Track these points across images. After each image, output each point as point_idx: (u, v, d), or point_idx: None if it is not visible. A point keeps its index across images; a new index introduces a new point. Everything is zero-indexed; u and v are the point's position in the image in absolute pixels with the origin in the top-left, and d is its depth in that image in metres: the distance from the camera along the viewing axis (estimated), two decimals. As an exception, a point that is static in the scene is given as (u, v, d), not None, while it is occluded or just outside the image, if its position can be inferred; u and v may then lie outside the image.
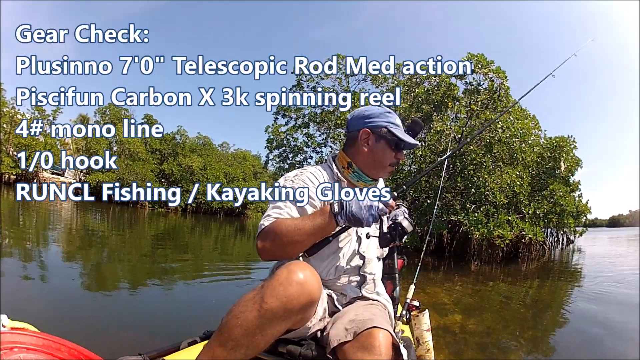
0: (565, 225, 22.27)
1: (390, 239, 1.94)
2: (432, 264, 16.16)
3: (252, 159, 71.29)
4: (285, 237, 1.80)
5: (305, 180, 2.08)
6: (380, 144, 2.14)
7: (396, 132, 2.12)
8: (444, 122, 18.10)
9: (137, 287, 8.00)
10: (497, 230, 15.59)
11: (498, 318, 7.72)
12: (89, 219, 23.49)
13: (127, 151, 51.73)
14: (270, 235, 1.85)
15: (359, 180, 2.18)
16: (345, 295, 2.10)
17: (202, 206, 56.04)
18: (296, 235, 1.80)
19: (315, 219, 1.83)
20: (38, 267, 8.30)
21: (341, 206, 1.78)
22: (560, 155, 20.26)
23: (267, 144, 25.51)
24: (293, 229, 1.81)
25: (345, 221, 1.79)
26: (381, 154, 2.14)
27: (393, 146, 2.14)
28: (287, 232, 1.81)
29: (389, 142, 2.13)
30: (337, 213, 1.78)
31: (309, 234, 1.82)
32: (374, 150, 2.14)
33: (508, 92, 16.58)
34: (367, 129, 2.15)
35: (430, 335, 2.50)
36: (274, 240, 1.83)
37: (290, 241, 1.81)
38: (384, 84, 23.08)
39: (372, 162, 2.16)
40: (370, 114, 2.18)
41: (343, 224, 1.82)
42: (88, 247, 12.57)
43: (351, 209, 1.77)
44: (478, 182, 16.56)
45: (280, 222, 1.86)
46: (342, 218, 1.78)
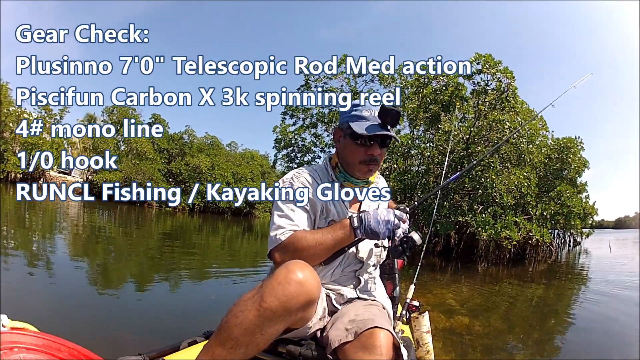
0: (572, 226, 22.24)
1: (401, 251, 1.98)
2: (440, 265, 16.12)
3: (260, 158, 71.24)
4: (307, 252, 1.82)
5: (303, 182, 2.07)
6: (346, 140, 2.10)
7: (353, 126, 2.02)
8: (452, 123, 18.08)
9: (137, 287, 8.02)
10: (504, 231, 15.54)
11: (504, 320, 7.69)
12: (94, 218, 23.51)
13: (135, 151, 51.80)
14: (290, 249, 1.85)
15: (345, 181, 2.16)
16: (343, 295, 2.09)
17: (210, 205, 55.96)
18: (318, 250, 1.84)
19: (335, 232, 1.86)
20: (39, 266, 8.32)
21: (360, 220, 1.83)
22: (567, 156, 20.21)
23: (275, 144, 25.62)
24: (314, 244, 1.84)
25: (364, 234, 1.84)
26: (348, 151, 2.09)
27: (358, 141, 2.04)
28: (308, 247, 1.83)
29: (352, 137, 2.05)
30: (357, 227, 1.83)
31: (330, 248, 1.86)
32: (344, 148, 2.12)
33: (516, 92, 16.56)
34: (338, 129, 2.17)
35: (430, 337, 2.50)
36: (295, 255, 1.81)
37: (312, 255, 1.83)
38: (392, 84, 23.00)
39: (345, 160, 2.13)
40: (342, 111, 2.18)
41: (361, 237, 1.86)
42: (91, 246, 12.58)
43: (369, 223, 1.81)
44: (486, 183, 16.49)
45: (300, 237, 1.86)
46: (361, 232, 1.83)
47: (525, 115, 17.92)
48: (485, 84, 16.72)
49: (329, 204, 2.09)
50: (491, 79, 16.47)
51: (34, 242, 11.40)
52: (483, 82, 16.74)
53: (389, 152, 19.21)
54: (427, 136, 20.26)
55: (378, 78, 22.73)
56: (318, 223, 2.06)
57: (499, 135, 16.45)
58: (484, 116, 17.08)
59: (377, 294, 2.20)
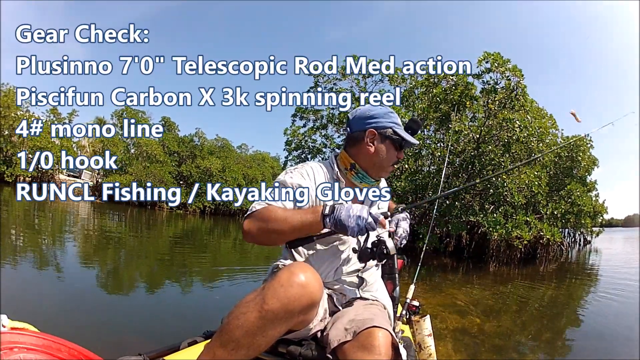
0: (582, 225, 22.15)
1: (370, 255, 1.94)
2: (451, 265, 16.09)
3: (271, 160, 71.28)
4: (272, 225, 1.83)
5: (303, 173, 2.10)
6: (385, 144, 2.15)
7: (400, 132, 2.14)
8: (462, 122, 18.03)
9: (138, 287, 8.12)
10: (515, 231, 15.48)
11: (516, 320, 7.68)
12: (104, 220, 23.69)
13: (145, 153, 51.94)
14: (257, 219, 1.88)
15: (362, 182, 2.19)
16: (345, 295, 2.09)
17: (221, 208, 56.03)
18: (283, 226, 1.82)
19: (305, 215, 1.84)
20: (45, 267, 8.43)
21: (332, 210, 1.80)
22: (577, 154, 20.12)
23: (286, 146, 25.60)
24: (282, 219, 1.83)
25: (332, 225, 1.80)
26: (386, 154, 2.15)
27: (397, 146, 2.16)
28: (274, 220, 1.83)
29: (393, 142, 2.15)
30: (327, 215, 1.79)
31: (295, 228, 1.83)
32: (379, 151, 2.15)
33: (525, 90, 16.48)
34: (372, 129, 2.15)
35: (432, 340, 2.49)
36: (260, 225, 1.85)
37: (275, 230, 1.83)
38: (402, 84, 22.96)
39: (377, 162, 2.16)
40: (374, 114, 2.18)
41: (329, 228, 1.82)
42: (99, 248, 12.68)
43: (340, 215, 1.77)
44: (496, 183, 16.45)
45: (271, 210, 1.88)
46: (330, 221, 1.79)
47: (535, 114, 17.86)
48: (494, 82, 16.65)
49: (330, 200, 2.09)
50: (500, 78, 16.40)
51: (42, 244, 11.52)
52: (492, 80, 16.67)
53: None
54: (438, 136, 20.22)
55: (388, 78, 22.66)
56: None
57: (509, 134, 16.36)
58: (494, 115, 17.00)
59: (379, 294, 2.19)
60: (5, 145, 42.54)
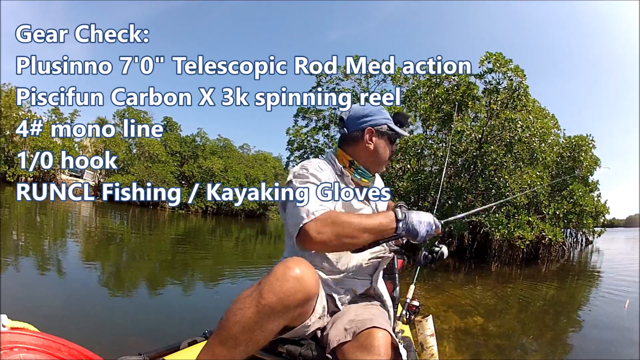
0: (584, 225, 22.11)
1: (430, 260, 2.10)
2: (453, 265, 16.10)
3: (273, 160, 71.48)
4: (347, 229, 1.77)
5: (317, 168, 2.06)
6: (382, 140, 2.23)
7: (394, 127, 2.25)
8: (464, 122, 18.04)
9: (138, 287, 8.14)
10: (517, 231, 15.50)
11: (518, 320, 7.68)
12: (106, 220, 23.75)
13: (147, 153, 51.99)
14: (329, 223, 1.78)
15: (362, 178, 2.22)
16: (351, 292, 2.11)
17: (223, 208, 56.13)
18: (359, 230, 1.78)
19: (379, 219, 1.85)
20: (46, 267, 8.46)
21: (405, 215, 1.85)
22: (579, 154, 20.10)
23: (288, 146, 25.71)
24: (357, 223, 1.80)
25: (404, 230, 1.84)
26: (384, 150, 2.23)
27: (391, 140, 2.27)
28: (349, 224, 1.78)
29: (389, 137, 2.24)
30: (400, 220, 1.83)
31: (370, 233, 1.81)
32: (378, 147, 2.22)
33: (527, 90, 16.48)
34: (370, 127, 2.20)
35: (434, 340, 2.48)
36: (335, 229, 1.77)
37: (351, 234, 1.78)
38: (405, 84, 22.96)
39: (376, 158, 2.23)
40: (368, 112, 2.24)
41: (401, 232, 1.85)
42: (101, 248, 12.73)
43: (412, 221, 1.84)
44: (499, 183, 16.47)
45: (340, 214, 1.86)
46: (403, 226, 1.83)
47: (537, 114, 17.84)
48: (496, 82, 16.65)
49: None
50: (502, 78, 16.40)
51: (42, 244, 11.56)
52: (494, 80, 16.67)
53: (402, 153, 19.27)
54: (440, 136, 20.24)
55: (390, 78, 22.70)
56: None
57: (511, 134, 16.38)
58: (497, 115, 17.00)
59: (383, 292, 2.21)
60: (7, 145, 42.58)
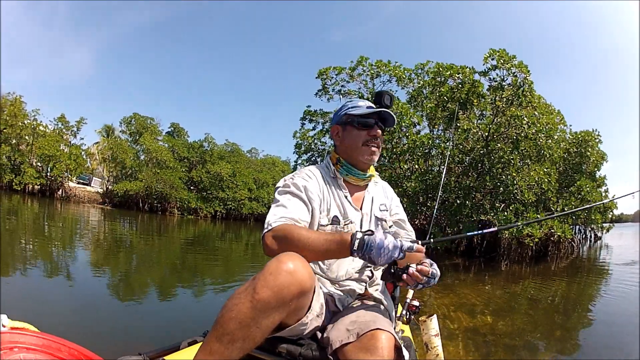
0: (592, 221, 21.99)
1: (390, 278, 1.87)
2: (463, 264, 16.09)
3: (282, 164, 70.89)
4: (296, 244, 1.79)
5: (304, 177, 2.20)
6: (346, 130, 2.31)
7: (353, 112, 2.27)
8: (470, 120, 18.01)
9: (138, 287, 8.17)
10: (526, 229, 15.43)
11: (528, 318, 7.65)
12: (115, 226, 23.70)
13: (155, 160, 51.76)
14: (281, 238, 1.85)
15: (348, 174, 2.30)
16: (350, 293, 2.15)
17: (232, 212, 55.85)
18: (308, 249, 1.77)
19: (330, 244, 1.78)
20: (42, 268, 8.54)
21: (361, 246, 1.70)
22: (586, 150, 20.02)
23: (296, 149, 25.64)
24: (305, 241, 1.79)
25: (360, 258, 1.74)
26: (350, 138, 2.28)
27: (359, 125, 2.26)
28: (298, 240, 1.80)
29: (352, 124, 2.27)
30: (355, 250, 1.71)
31: (319, 253, 1.80)
32: (344, 139, 2.32)
33: (532, 86, 16.41)
34: (334, 125, 2.38)
35: (439, 340, 2.51)
36: (284, 241, 1.83)
37: (297, 250, 1.75)
38: (410, 84, 22.96)
39: (347, 149, 2.30)
40: (338, 109, 2.42)
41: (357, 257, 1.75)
42: (100, 250, 12.84)
43: (371, 251, 1.68)
44: (506, 181, 16.38)
45: (294, 229, 1.86)
46: (358, 254, 1.72)
47: (543, 110, 17.76)
48: (501, 79, 16.54)
49: (330, 201, 2.19)
50: (507, 74, 16.30)
51: (46, 248, 11.60)
52: (499, 77, 16.56)
53: (410, 154, 19.21)
54: (447, 135, 20.19)
55: (396, 79, 22.61)
56: (320, 219, 2.13)
57: (517, 131, 16.30)
58: (502, 112, 16.94)
59: (383, 293, 2.26)
60: (13, 154, 42.54)
